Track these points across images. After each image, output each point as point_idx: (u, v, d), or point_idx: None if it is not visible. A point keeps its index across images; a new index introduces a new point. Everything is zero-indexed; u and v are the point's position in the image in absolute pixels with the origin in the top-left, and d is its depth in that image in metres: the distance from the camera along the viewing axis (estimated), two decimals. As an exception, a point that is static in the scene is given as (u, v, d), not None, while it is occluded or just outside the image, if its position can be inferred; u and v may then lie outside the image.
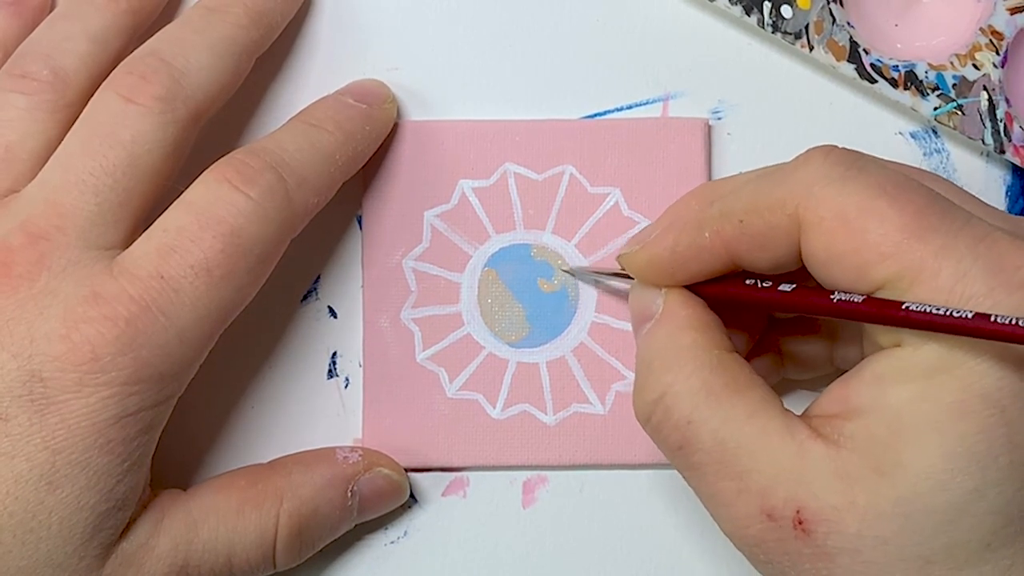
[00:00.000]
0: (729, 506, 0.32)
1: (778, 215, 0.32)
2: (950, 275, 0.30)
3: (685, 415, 0.33)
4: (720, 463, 0.32)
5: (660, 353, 0.34)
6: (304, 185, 0.36)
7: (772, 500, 0.31)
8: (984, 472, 0.30)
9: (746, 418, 0.32)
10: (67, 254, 0.34)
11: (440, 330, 0.41)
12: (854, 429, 0.31)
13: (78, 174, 0.34)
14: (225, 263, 0.34)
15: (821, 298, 0.32)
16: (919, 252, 0.30)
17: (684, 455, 0.33)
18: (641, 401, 0.34)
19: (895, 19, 0.41)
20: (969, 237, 0.30)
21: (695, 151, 0.40)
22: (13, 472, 0.33)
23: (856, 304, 0.31)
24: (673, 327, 0.34)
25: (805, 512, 0.31)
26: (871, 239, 0.31)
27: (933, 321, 0.29)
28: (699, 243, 0.34)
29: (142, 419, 0.34)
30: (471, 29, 0.41)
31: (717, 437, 0.32)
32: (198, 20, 0.37)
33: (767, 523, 0.31)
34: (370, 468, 0.39)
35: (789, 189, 0.32)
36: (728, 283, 0.35)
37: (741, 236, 0.33)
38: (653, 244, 0.35)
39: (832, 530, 0.31)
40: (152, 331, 0.33)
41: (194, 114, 0.36)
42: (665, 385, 0.33)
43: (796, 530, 0.31)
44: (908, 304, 0.30)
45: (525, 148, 0.41)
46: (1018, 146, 0.40)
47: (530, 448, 0.40)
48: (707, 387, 0.33)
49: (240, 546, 0.36)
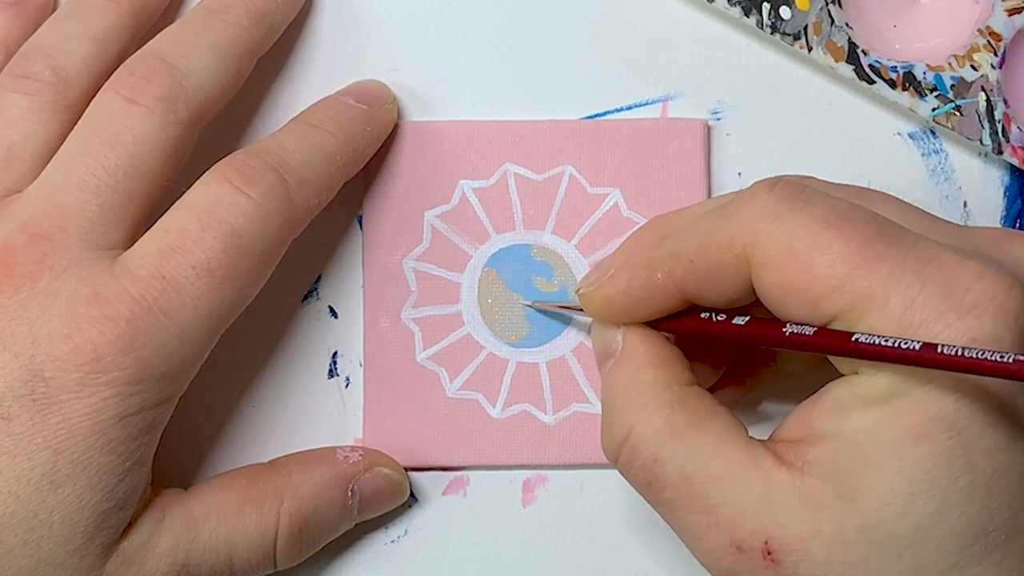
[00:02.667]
0: (700, 539, 0.32)
1: (726, 254, 0.32)
2: (899, 303, 0.30)
3: (651, 453, 0.33)
4: (688, 498, 0.32)
5: (622, 392, 0.34)
6: (305, 186, 0.36)
7: (740, 532, 0.31)
8: (945, 494, 0.30)
9: (711, 452, 0.32)
10: (69, 254, 0.34)
11: (440, 330, 0.41)
12: (817, 455, 0.31)
13: (80, 174, 0.34)
14: (226, 263, 0.34)
15: (774, 330, 0.32)
16: (867, 282, 0.30)
17: (653, 492, 0.33)
18: (608, 442, 0.34)
19: (893, 20, 0.41)
20: (916, 261, 0.30)
21: (695, 152, 0.41)
22: (15, 471, 0.33)
23: (808, 336, 0.31)
24: (634, 364, 0.34)
25: (773, 543, 0.31)
26: (819, 272, 0.31)
27: (883, 352, 0.29)
28: (651, 284, 0.34)
29: (144, 419, 0.34)
30: (471, 30, 0.41)
31: (683, 473, 0.32)
32: (199, 21, 0.37)
33: (737, 555, 0.32)
34: (370, 468, 0.39)
35: (735, 228, 0.32)
36: (684, 319, 0.35)
37: (691, 276, 0.33)
38: (606, 286, 0.35)
39: (801, 559, 0.31)
40: (154, 331, 0.33)
41: (196, 115, 0.36)
42: (628, 426, 0.33)
43: (766, 560, 0.31)
44: (858, 336, 0.30)
45: (525, 148, 0.41)
46: (1016, 147, 0.40)
47: (530, 447, 0.40)
48: (670, 425, 0.33)
49: (241, 545, 0.36)
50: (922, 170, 0.41)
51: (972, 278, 0.30)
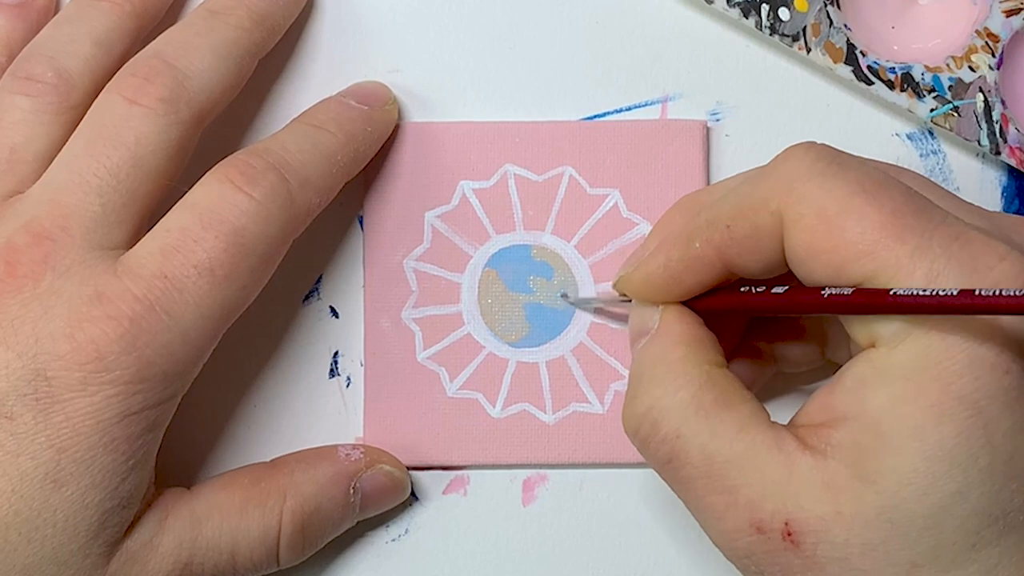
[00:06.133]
0: (719, 519, 0.32)
1: (762, 214, 0.33)
2: (924, 275, 0.30)
3: (673, 429, 0.33)
4: (708, 477, 0.32)
5: (650, 367, 0.34)
6: (306, 185, 0.36)
7: (760, 513, 0.31)
8: (966, 474, 0.30)
9: (735, 433, 0.32)
10: (71, 254, 0.34)
11: (440, 330, 0.41)
12: (840, 438, 0.31)
13: (82, 175, 0.35)
14: (228, 263, 0.34)
15: (813, 296, 0.32)
16: (895, 252, 0.30)
17: (672, 469, 0.33)
18: (629, 413, 0.34)
19: (892, 21, 0.41)
20: (944, 237, 0.30)
21: (694, 152, 0.41)
22: (18, 470, 0.33)
23: (847, 297, 0.31)
24: (667, 342, 0.34)
25: (793, 524, 0.31)
26: (849, 237, 0.31)
27: (921, 303, 0.30)
28: (691, 254, 0.34)
29: (146, 417, 0.34)
30: (471, 32, 0.42)
31: (705, 451, 0.32)
32: (201, 23, 0.37)
33: (756, 536, 0.32)
34: (372, 465, 0.39)
35: (770, 186, 0.32)
36: (722, 294, 0.35)
37: (730, 241, 0.33)
38: (647, 263, 0.35)
39: (820, 540, 0.31)
40: (156, 330, 0.33)
41: (197, 115, 0.36)
42: (653, 399, 0.33)
43: (785, 541, 0.31)
44: (895, 290, 0.30)
45: (525, 149, 0.41)
46: (1013, 147, 0.40)
47: (529, 447, 0.40)
48: (696, 401, 0.33)
49: (244, 543, 0.36)
50: (920, 171, 0.41)
51: (996, 258, 0.30)
